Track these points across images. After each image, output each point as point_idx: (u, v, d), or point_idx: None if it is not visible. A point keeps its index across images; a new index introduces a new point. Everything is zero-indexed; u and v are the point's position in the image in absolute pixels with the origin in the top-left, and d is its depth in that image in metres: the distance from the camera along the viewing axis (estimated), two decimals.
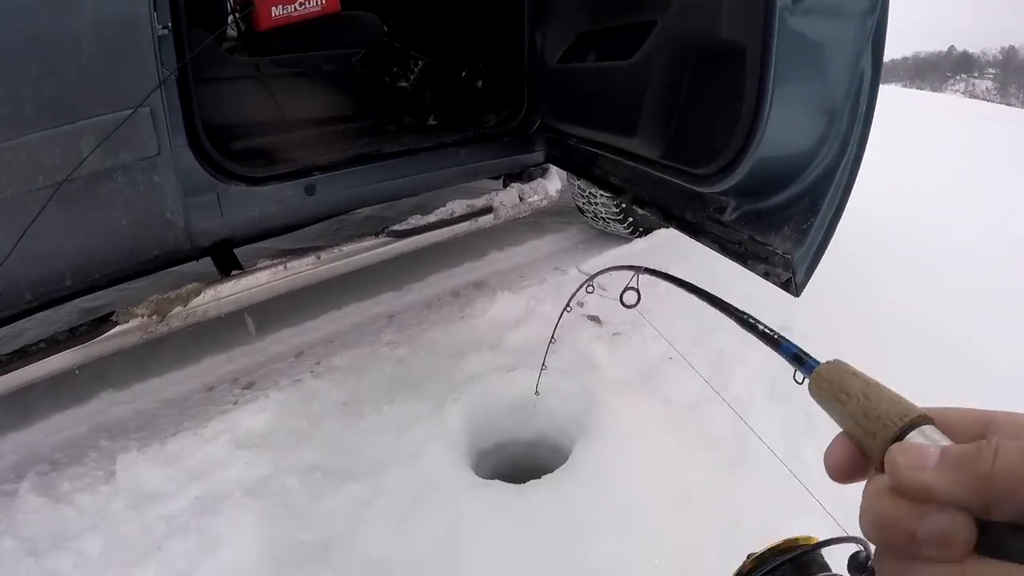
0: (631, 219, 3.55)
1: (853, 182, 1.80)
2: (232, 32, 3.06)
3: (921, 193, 5.32)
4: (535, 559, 1.89)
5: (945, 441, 0.39)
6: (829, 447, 0.46)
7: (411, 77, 3.25)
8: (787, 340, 0.71)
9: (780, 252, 1.86)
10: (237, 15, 2.95)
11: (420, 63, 3.28)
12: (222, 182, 2.18)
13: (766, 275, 1.91)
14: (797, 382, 0.61)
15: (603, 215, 3.59)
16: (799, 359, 0.64)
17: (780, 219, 1.88)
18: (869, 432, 0.43)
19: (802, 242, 1.81)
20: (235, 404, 2.48)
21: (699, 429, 2.29)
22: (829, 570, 0.69)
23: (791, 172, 1.84)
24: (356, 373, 2.63)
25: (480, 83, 3.38)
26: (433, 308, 3.14)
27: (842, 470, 0.45)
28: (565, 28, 2.60)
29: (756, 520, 1.97)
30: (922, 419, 0.41)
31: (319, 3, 2.80)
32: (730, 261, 2.07)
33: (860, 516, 0.40)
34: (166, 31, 1.83)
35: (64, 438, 2.34)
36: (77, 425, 2.40)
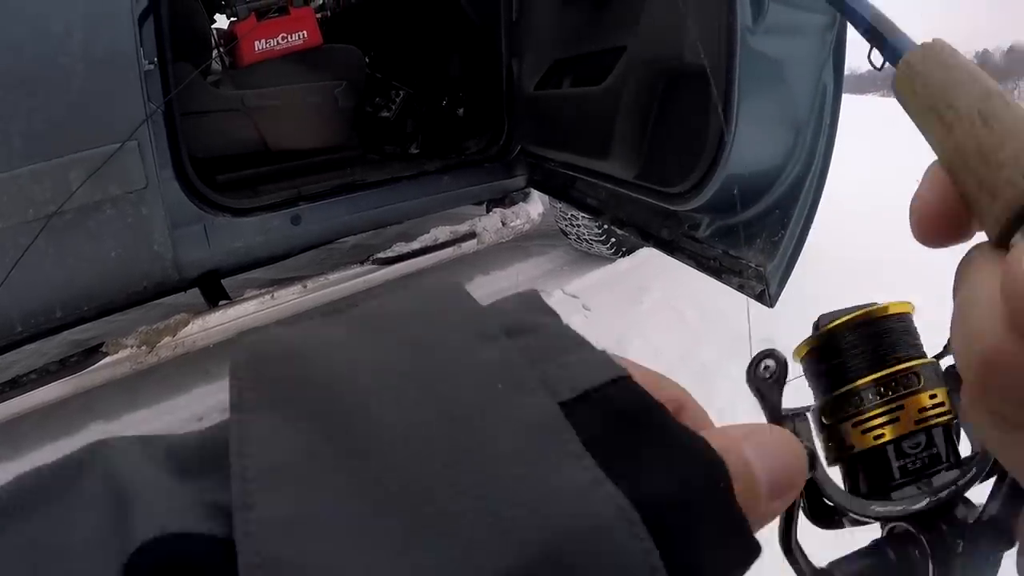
0: (613, 240, 3.60)
1: (821, 193, 1.86)
2: (217, 66, 3.11)
3: (898, 200, 5.38)
4: None
5: None
6: (920, 187, 0.29)
7: (393, 107, 3.31)
8: None
9: (753, 265, 1.91)
10: (221, 50, 3.01)
11: (401, 93, 3.34)
12: (209, 213, 2.21)
13: (741, 288, 1.96)
14: (874, 67, 0.38)
15: (586, 237, 3.64)
16: (875, 34, 0.35)
17: (752, 233, 1.94)
18: (984, 183, 0.26)
19: (774, 254, 1.86)
20: None
21: None
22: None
23: (760, 187, 1.90)
24: None
25: (461, 111, 3.44)
26: None
27: (933, 226, 0.28)
28: (540, 56, 2.66)
29: None
30: None
31: (301, 37, 2.86)
32: (708, 277, 2.12)
33: (953, 335, 0.26)
34: (152, 66, 1.88)
35: None
36: None
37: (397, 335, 0.27)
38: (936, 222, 0.28)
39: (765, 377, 0.51)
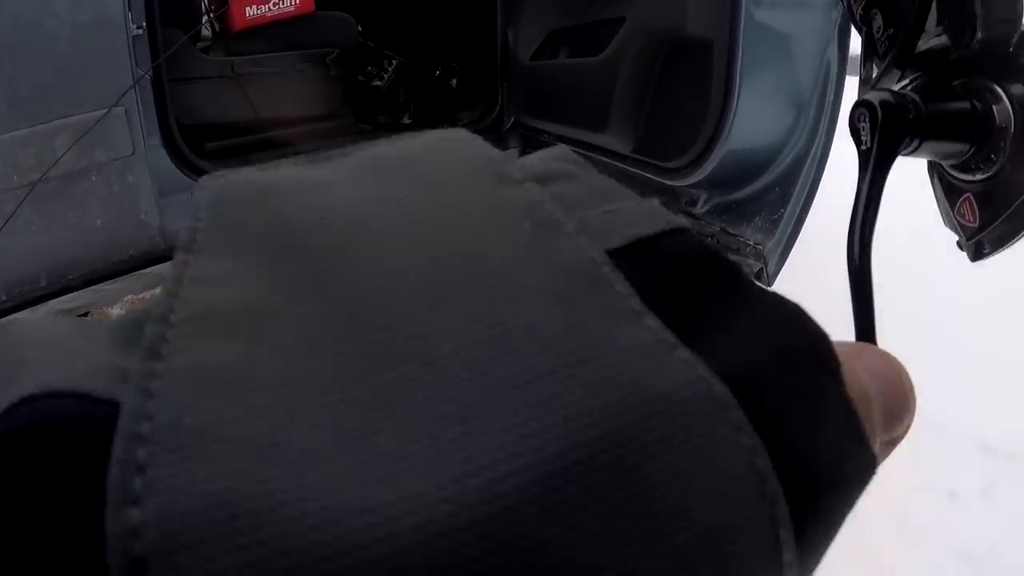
0: None
1: (822, 172, 1.84)
2: (207, 32, 3.05)
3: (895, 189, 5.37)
4: None
5: None
6: None
7: (385, 76, 3.25)
8: None
9: (752, 243, 1.89)
10: (212, 15, 2.94)
11: (394, 62, 3.28)
12: (196, 182, 2.17)
13: None
14: None
15: None
16: None
17: (751, 210, 1.92)
18: None
19: (773, 232, 1.85)
20: None
21: None
22: None
23: (761, 163, 1.88)
24: None
25: (454, 82, 3.39)
26: None
27: None
28: (537, 25, 2.62)
29: None
30: None
31: (293, 3, 2.80)
32: None
33: None
34: (140, 31, 1.83)
35: None
36: None
37: (396, 173, 0.21)
38: None
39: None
